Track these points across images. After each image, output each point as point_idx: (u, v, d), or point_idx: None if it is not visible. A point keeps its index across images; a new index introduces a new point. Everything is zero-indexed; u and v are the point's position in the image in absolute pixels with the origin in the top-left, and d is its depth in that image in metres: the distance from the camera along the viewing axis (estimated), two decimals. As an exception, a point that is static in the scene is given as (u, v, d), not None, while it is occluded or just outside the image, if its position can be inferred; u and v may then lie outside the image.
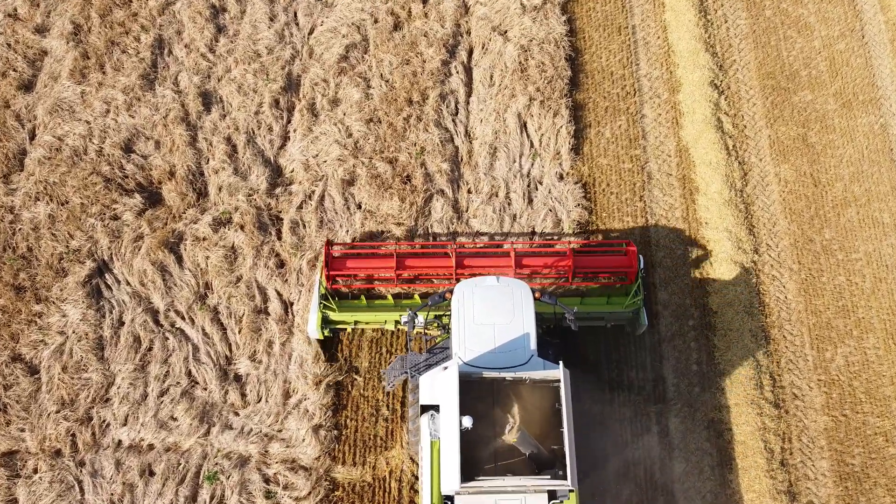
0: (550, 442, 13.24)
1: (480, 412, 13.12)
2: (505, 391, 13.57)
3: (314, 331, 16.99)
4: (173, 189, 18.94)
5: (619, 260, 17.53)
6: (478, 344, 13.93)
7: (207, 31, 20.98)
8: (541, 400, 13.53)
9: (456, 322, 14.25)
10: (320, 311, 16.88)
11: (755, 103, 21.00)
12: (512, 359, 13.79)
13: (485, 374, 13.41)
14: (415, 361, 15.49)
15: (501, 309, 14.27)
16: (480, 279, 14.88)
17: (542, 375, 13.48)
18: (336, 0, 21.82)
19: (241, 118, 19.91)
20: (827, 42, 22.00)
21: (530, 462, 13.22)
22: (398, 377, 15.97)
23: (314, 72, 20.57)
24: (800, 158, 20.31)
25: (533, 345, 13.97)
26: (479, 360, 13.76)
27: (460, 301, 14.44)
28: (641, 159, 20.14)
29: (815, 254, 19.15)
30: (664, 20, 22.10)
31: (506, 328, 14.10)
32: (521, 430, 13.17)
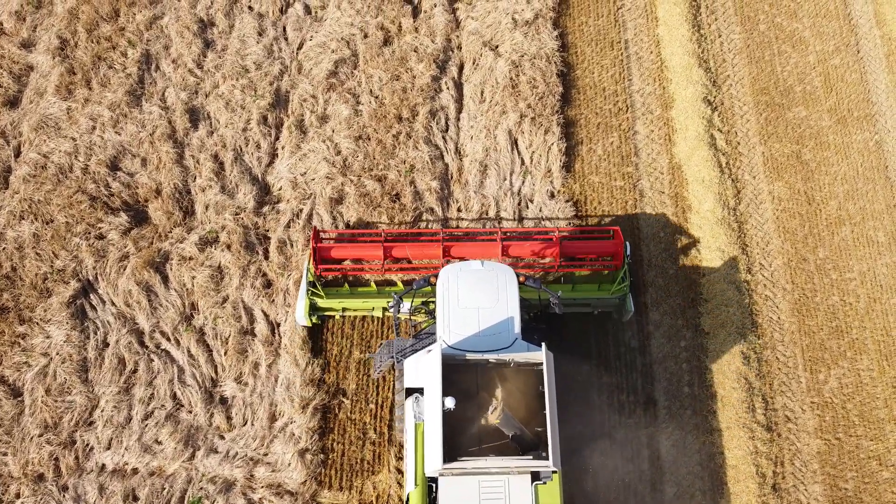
0: (535, 424, 13.49)
1: (464, 394, 13.40)
2: (489, 373, 13.88)
3: (302, 317, 17.25)
4: (159, 207, 18.90)
5: (606, 246, 17.89)
6: (462, 327, 14.24)
7: (195, 46, 20.96)
8: (525, 383, 13.80)
9: (441, 306, 14.52)
10: (308, 297, 17.11)
11: (749, 119, 20.99)
12: (496, 342, 14.04)
13: (468, 357, 13.68)
14: (401, 346, 15.75)
15: (486, 293, 14.55)
16: (465, 263, 15.17)
17: (525, 358, 13.76)
18: (326, 15, 21.79)
19: (229, 135, 19.88)
20: (822, 57, 22.00)
21: (514, 444, 13.46)
22: (385, 362, 16.17)
23: (303, 88, 20.55)
24: (794, 176, 20.29)
25: (517, 328, 14.22)
26: (464, 343, 14.06)
27: (445, 285, 14.73)
28: (633, 177, 20.13)
29: (809, 273, 19.12)
30: (657, 35, 22.09)
31: (490, 312, 14.37)
32: (504, 412, 13.38)
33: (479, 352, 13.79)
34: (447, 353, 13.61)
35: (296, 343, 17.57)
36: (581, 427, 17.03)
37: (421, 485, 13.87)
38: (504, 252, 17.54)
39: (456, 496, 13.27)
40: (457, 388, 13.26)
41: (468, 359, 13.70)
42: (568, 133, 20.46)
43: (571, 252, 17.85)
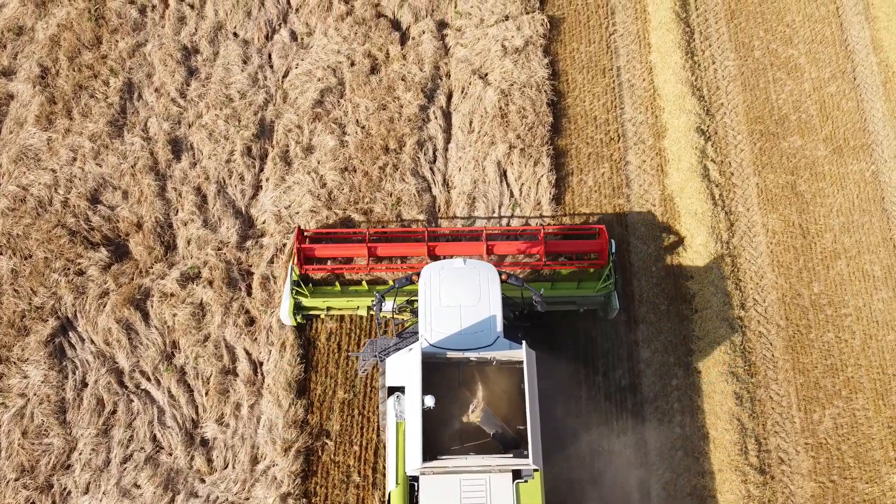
0: (517, 423, 13.70)
1: (445, 393, 13.69)
2: (470, 372, 14.13)
3: (286, 317, 17.45)
4: (140, 242, 18.78)
5: (591, 244, 18.27)
6: (444, 326, 14.42)
7: (178, 75, 20.84)
8: (507, 381, 14.00)
9: (423, 304, 14.69)
10: (293, 297, 17.30)
11: (743, 149, 20.88)
12: (478, 340, 14.19)
13: (449, 355, 13.86)
14: (385, 345, 15.87)
15: (468, 291, 14.74)
16: (447, 261, 15.38)
17: (506, 356, 13.95)
18: (312, 41, 21.68)
19: (212, 167, 19.77)
20: (817, 84, 21.90)
21: (495, 442, 13.67)
22: (369, 361, 16.26)
23: (288, 117, 20.44)
24: (788, 208, 20.18)
25: (499, 326, 14.39)
26: (446, 341, 14.23)
27: (427, 283, 14.94)
28: (625, 209, 20.00)
29: (804, 309, 19.00)
30: (650, 61, 21.99)
31: (472, 310, 14.57)
32: (485, 410, 13.61)
33: (459, 350, 13.97)
34: (427, 351, 13.81)
35: (279, 383, 17.44)
36: (569, 468, 16.90)
37: (402, 483, 14.10)
38: (489, 250, 17.93)
39: (437, 494, 13.52)
40: (438, 387, 13.49)
41: (449, 357, 13.90)
42: (558, 164, 20.34)
43: (557, 250, 18.28)
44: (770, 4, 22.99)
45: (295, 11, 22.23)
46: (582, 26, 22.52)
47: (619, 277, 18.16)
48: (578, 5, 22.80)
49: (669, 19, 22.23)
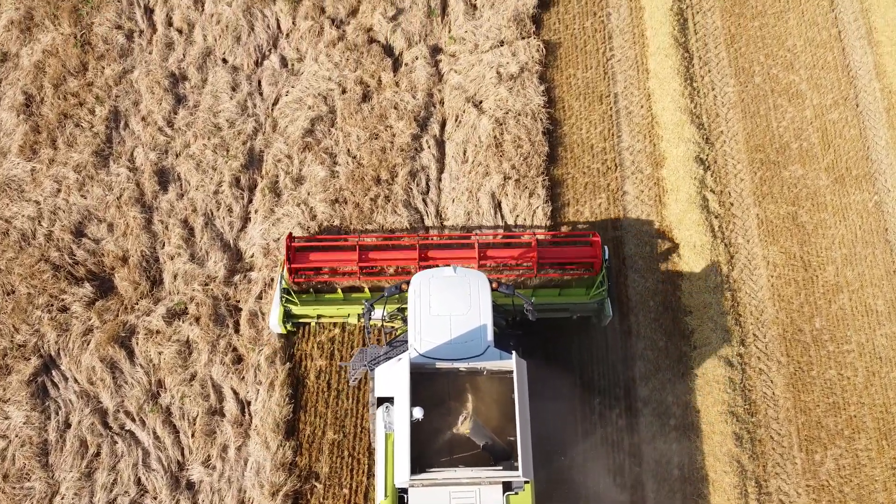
0: (508, 434, 13.62)
1: (434, 404, 13.62)
2: (460, 382, 14.09)
3: (276, 325, 17.55)
4: (126, 277, 18.57)
5: (584, 250, 18.27)
6: (434, 335, 14.34)
7: (166, 103, 20.64)
8: (498, 391, 13.95)
9: (412, 313, 14.63)
10: (282, 305, 17.40)
11: (743, 179, 20.67)
12: (468, 350, 14.13)
13: (438, 366, 13.84)
14: (375, 354, 15.76)
15: (458, 300, 14.67)
16: (437, 270, 15.31)
17: (496, 366, 13.93)
18: (303, 68, 21.48)
19: (200, 198, 19.56)
20: (819, 111, 21.70)
21: (486, 453, 13.63)
22: (359, 370, 16.23)
23: (277, 147, 20.24)
24: (789, 239, 19.97)
25: (489, 336, 14.33)
26: (436, 351, 14.17)
27: (417, 292, 14.85)
28: (622, 241, 19.78)
29: (805, 345, 18.79)
30: (648, 88, 21.79)
31: (462, 319, 14.51)
32: (475, 421, 13.51)
33: (449, 360, 13.94)
34: (416, 361, 13.77)
35: (267, 424, 17.22)
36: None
37: (391, 496, 13.95)
38: (481, 258, 17.91)
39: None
40: (427, 398, 13.43)
41: (438, 367, 13.87)
42: (554, 194, 20.14)
43: (549, 257, 18.28)
44: (770, 29, 22.80)
45: (285, 36, 22.04)
46: (579, 51, 22.33)
47: (612, 284, 18.20)
48: (575, 30, 22.61)
49: (668, 44, 22.03)
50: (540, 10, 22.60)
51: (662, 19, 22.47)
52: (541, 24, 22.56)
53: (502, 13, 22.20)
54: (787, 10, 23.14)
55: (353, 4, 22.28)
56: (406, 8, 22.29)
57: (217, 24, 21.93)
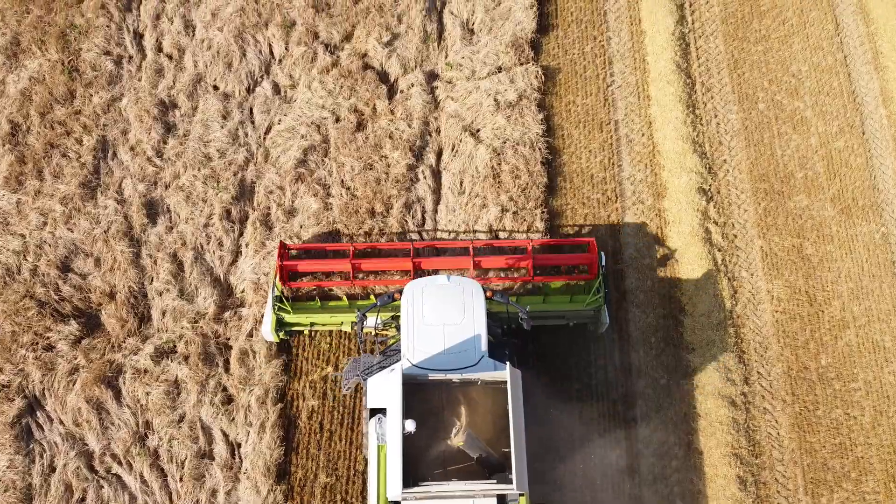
0: (502, 445, 13.58)
1: (427, 415, 13.64)
2: (453, 393, 14.07)
3: (269, 333, 17.49)
4: (113, 314, 18.32)
5: (581, 257, 18.59)
6: (427, 345, 14.33)
7: (155, 132, 20.40)
8: (493, 402, 13.93)
9: (405, 323, 14.62)
10: (275, 313, 17.34)
11: (746, 210, 20.44)
12: (462, 360, 14.11)
13: (431, 377, 13.84)
14: (368, 364, 15.65)
15: (452, 309, 14.67)
16: (431, 278, 15.35)
17: (490, 377, 13.91)
18: (295, 95, 21.24)
19: (189, 231, 19.31)
20: (824, 139, 21.46)
21: (480, 466, 13.64)
22: (352, 380, 16.13)
23: (269, 178, 20.00)
24: (794, 273, 19.73)
25: (483, 345, 14.31)
26: (429, 361, 14.16)
27: (409, 301, 14.84)
28: (623, 274, 19.54)
29: (811, 383, 18.55)
30: (649, 115, 21.55)
31: (456, 329, 14.51)
32: (468, 433, 13.53)
33: (441, 371, 13.90)
34: (408, 373, 13.72)
35: (258, 467, 16.97)
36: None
37: None
38: (476, 265, 18.14)
39: None
40: (420, 409, 13.44)
41: (430, 379, 13.83)
42: (553, 226, 19.91)
43: (545, 263, 18.49)
44: (775, 53, 22.58)
45: (278, 62, 21.81)
46: (578, 77, 22.10)
47: (608, 291, 18.25)
48: (575, 55, 22.38)
49: (670, 70, 21.81)
50: (539, 35, 22.39)
51: (664, 44, 22.25)
52: (539, 49, 22.34)
53: (500, 38, 21.98)
54: (792, 34, 22.92)
55: (347, 29, 22.05)
56: (402, 33, 22.06)
57: (208, 50, 21.70)
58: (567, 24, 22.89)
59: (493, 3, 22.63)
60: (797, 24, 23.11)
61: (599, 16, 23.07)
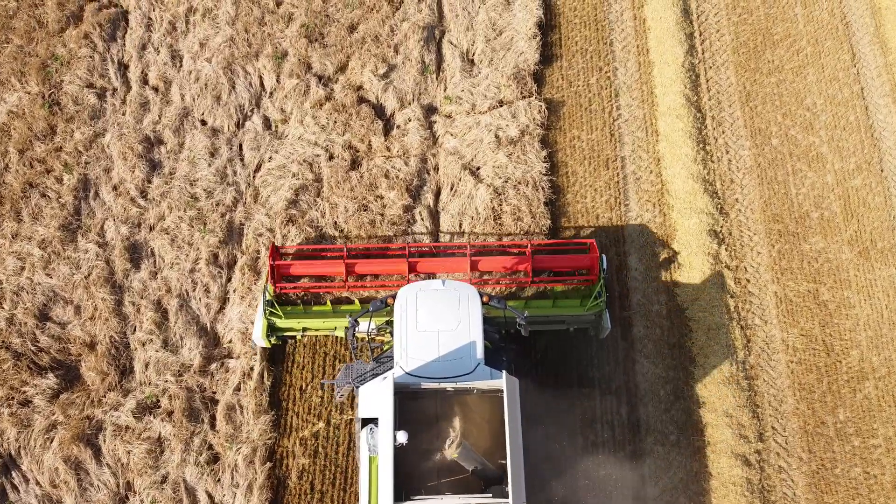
0: (499, 457, 13.34)
1: (421, 425, 13.44)
2: (448, 402, 13.85)
3: (260, 339, 17.37)
4: (93, 366, 17.74)
5: (581, 259, 18.13)
6: (421, 352, 14.11)
7: (139, 171, 19.83)
8: (489, 412, 13.70)
9: (398, 329, 14.43)
10: (266, 317, 17.21)
11: (759, 252, 19.85)
12: (457, 368, 13.92)
13: (424, 385, 13.61)
14: (361, 371, 15.49)
15: (447, 314, 14.47)
16: (425, 283, 15.13)
17: (486, 385, 13.67)
18: (287, 130, 20.69)
19: (174, 277, 18.74)
20: (841, 177, 20.88)
21: (475, 478, 13.34)
22: (345, 388, 15.98)
23: (259, 219, 19.42)
24: (810, 320, 19.13)
25: (479, 353, 14.10)
26: (423, 369, 13.90)
27: (403, 307, 14.65)
28: (630, 322, 18.94)
29: (828, 439, 17.94)
30: (658, 151, 20.98)
31: (451, 335, 14.28)
32: (463, 445, 13.24)
33: (435, 379, 13.67)
34: (401, 381, 13.47)
35: (244, 532, 16.38)
36: None
37: None
38: (473, 267, 17.88)
39: None
40: (413, 419, 13.28)
41: (424, 387, 13.63)
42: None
43: (544, 266, 18.12)
44: (788, 85, 22.02)
45: (269, 95, 21.25)
46: (583, 111, 21.53)
47: (609, 295, 18.06)
48: (579, 87, 21.82)
49: (679, 104, 21.24)
50: (542, 66, 21.83)
51: (673, 76, 21.70)
52: (543, 81, 21.78)
53: (502, 70, 21.43)
54: (806, 64, 22.36)
55: (341, 60, 21.50)
56: (398, 64, 21.51)
57: (196, 83, 21.15)
58: (571, 55, 22.34)
59: (495, 33, 22.08)
60: (812, 55, 22.55)
61: (605, 45, 22.52)
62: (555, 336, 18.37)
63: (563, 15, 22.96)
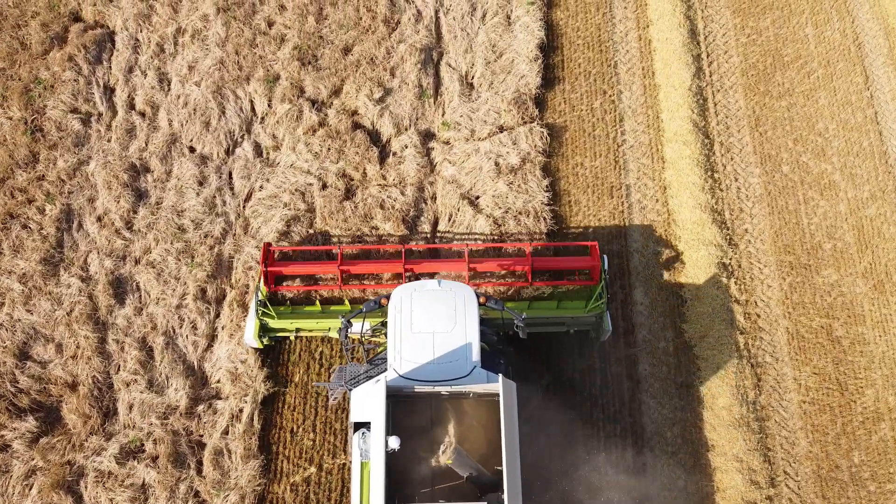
0: (495, 463, 13.15)
1: (414, 430, 13.34)
2: (443, 407, 13.71)
3: (251, 339, 17.26)
4: (75, 408, 17.22)
5: (582, 260, 18.15)
6: (415, 354, 13.92)
7: (125, 200, 19.32)
8: (486, 416, 13.59)
9: (392, 330, 14.28)
10: (258, 317, 17.04)
11: (770, 286, 19.32)
12: (452, 370, 13.71)
13: (418, 389, 13.42)
14: (354, 373, 15.24)
15: (442, 316, 14.32)
16: (420, 283, 14.99)
17: (482, 389, 13.49)
18: (279, 157, 20.19)
19: (160, 313, 18.22)
20: (854, 205, 20.37)
21: (470, 485, 13.22)
22: (339, 390, 15.66)
23: (248, 252, 18.92)
24: (823, 358, 18.61)
25: (476, 355, 13.93)
26: (417, 372, 13.72)
27: (397, 307, 14.50)
28: (635, 360, 18.42)
29: (843, 484, 17.42)
30: (664, 179, 20.49)
31: (447, 337, 14.11)
32: (458, 450, 13.11)
33: (429, 383, 13.50)
34: (393, 384, 13.31)
35: None
36: None
37: None
38: (471, 269, 17.84)
39: None
40: (406, 424, 13.22)
41: (417, 391, 13.44)
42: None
43: (544, 267, 18.19)
44: (800, 109, 21.51)
45: (260, 121, 20.75)
46: (587, 136, 21.03)
47: (610, 297, 17.99)
48: (583, 112, 21.32)
49: (686, 129, 20.74)
50: (543, 90, 21.33)
51: (680, 100, 21.20)
52: (544, 105, 21.28)
53: (502, 94, 20.93)
54: (818, 87, 21.86)
55: (335, 84, 21.00)
56: (395, 88, 21.01)
57: (184, 107, 20.66)
58: (574, 77, 21.84)
59: (495, 55, 21.59)
60: (823, 77, 22.05)
61: (609, 68, 22.02)
62: (557, 375, 17.86)
63: (565, 36, 22.47)
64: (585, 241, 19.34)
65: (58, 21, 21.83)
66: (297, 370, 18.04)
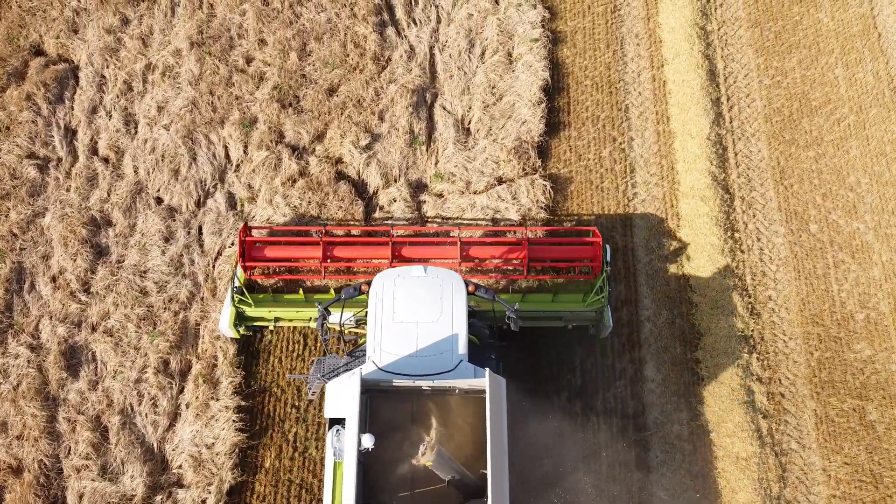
0: (480, 466, 12.64)
1: (393, 428, 12.87)
2: (424, 403, 13.24)
3: (227, 328, 16.67)
4: (19, 497, 15.87)
5: (582, 251, 17.65)
6: (397, 346, 13.37)
7: (82, 259, 17.98)
8: (471, 415, 13.15)
9: (372, 319, 13.73)
10: (234, 305, 16.48)
11: (796, 361, 17.90)
12: (436, 364, 13.16)
13: (396, 383, 12.87)
14: (333, 366, 14.68)
15: (427, 304, 13.76)
16: (405, 269, 14.39)
17: (468, 385, 13.00)
18: (254, 211, 18.85)
19: (117, 388, 16.89)
20: (889, 270, 18.94)
21: (452, 489, 12.65)
22: (317, 383, 15.05)
23: (216, 318, 17.52)
24: (855, 445, 17.18)
25: (462, 348, 13.39)
26: (397, 365, 13.13)
27: (379, 295, 13.90)
28: (646, 447, 17.01)
29: (877, 593, 15.93)
30: (679, 239, 19.04)
31: (431, 327, 13.55)
32: (439, 451, 12.50)
33: (411, 376, 12.89)
34: (370, 377, 12.77)
35: None
36: None
37: None
38: (463, 255, 17.23)
39: None
40: (384, 421, 12.80)
41: (396, 385, 12.94)
42: (561, 383, 17.36)
43: (541, 257, 17.59)
44: (829, 160, 20.09)
45: (234, 169, 19.41)
46: (594, 189, 19.63)
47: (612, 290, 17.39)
48: (590, 161, 19.92)
49: (704, 184, 19.35)
50: (547, 137, 19.94)
51: (697, 150, 19.80)
52: (548, 153, 19.91)
53: (501, 141, 19.57)
54: (849, 136, 20.43)
55: (318, 129, 19.67)
56: (383, 134, 19.65)
57: (151, 153, 19.34)
58: (581, 122, 20.45)
59: (494, 98, 20.22)
60: (855, 124, 20.61)
61: (620, 112, 20.63)
62: (552, 464, 16.47)
63: (571, 75, 21.08)
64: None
65: (16, 55, 20.53)
66: (267, 454, 16.66)
